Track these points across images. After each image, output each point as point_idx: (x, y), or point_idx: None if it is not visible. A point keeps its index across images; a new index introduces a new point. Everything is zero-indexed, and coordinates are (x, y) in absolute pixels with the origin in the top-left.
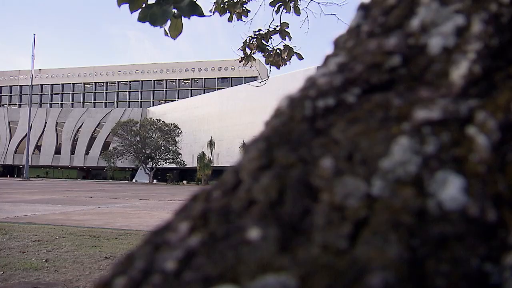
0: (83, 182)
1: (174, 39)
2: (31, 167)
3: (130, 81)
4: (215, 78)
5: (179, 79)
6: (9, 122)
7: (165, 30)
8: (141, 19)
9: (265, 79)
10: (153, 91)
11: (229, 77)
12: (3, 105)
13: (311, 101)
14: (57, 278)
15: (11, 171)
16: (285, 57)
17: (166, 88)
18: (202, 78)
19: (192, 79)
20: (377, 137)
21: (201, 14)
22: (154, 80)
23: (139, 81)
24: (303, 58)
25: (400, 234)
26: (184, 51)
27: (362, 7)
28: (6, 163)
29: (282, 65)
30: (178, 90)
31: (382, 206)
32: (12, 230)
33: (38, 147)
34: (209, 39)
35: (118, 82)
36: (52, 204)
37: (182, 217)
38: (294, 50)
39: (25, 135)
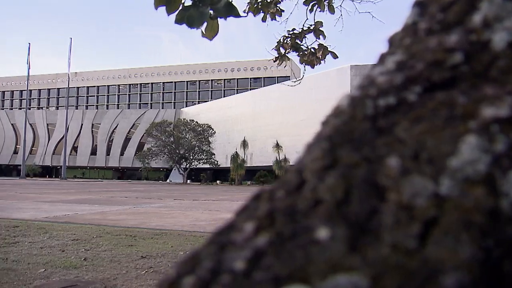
0: (118, 183)
1: (211, 40)
2: (68, 167)
3: (163, 82)
4: (248, 78)
5: (212, 80)
6: (47, 124)
7: (202, 31)
8: (178, 21)
9: (299, 78)
10: (186, 92)
11: (261, 77)
12: (41, 108)
13: (372, 100)
14: (96, 276)
15: (50, 171)
16: (320, 56)
17: (199, 88)
18: (234, 79)
19: (225, 79)
20: (443, 136)
21: (237, 14)
22: (187, 81)
23: (172, 82)
24: (337, 57)
25: (472, 234)
26: (216, 51)
27: (418, 4)
28: (44, 164)
29: (317, 64)
30: (211, 90)
31: (452, 205)
32: (52, 229)
33: (75, 148)
34: (241, 39)
35: (152, 83)
36: (89, 204)
37: (246, 217)
38: (328, 49)
39: (63, 137)
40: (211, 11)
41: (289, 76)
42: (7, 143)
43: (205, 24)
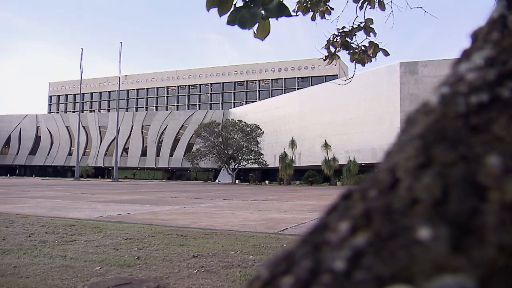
0: (168, 183)
1: (263, 40)
2: (119, 168)
3: (211, 83)
4: (295, 77)
5: (259, 80)
6: (99, 127)
7: (253, 31)
8: (230, 22)
9: (350, 77)
10: (234, 92)
11: (309, 76)
12: (94, 111)
13: (463, 97)
14: (149, 274)
15: (102, 172)
16: (371, 54)
17: (246, 89)
18: (282, 78)
19: (272, 79)
20: None
21: (289, 14)
22: (235, 82)
23: (220, 83)
24: (389, 54)
25: None
26: (263, 51)
27: None
28: (97, 165)
29: (367, 62)
30: (259, 90)
31: None
32: (106, 229)
33: (125, 150)
34: (288, 39)
35: (200, 84)
36: (140, 204)
37: (339, 217)
38: (379, 47)
39: (114, 139)
40: (263, 12)
41: (337, 75)
42: (62, 145)
43: (256, 25)
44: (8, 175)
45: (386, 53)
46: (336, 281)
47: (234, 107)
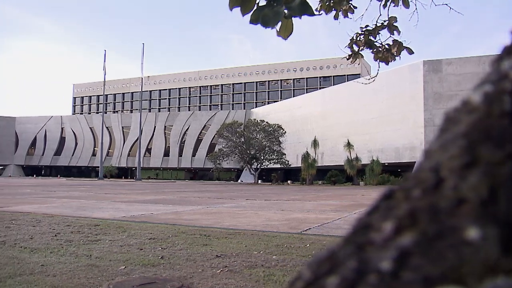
0: (190, 183)
1: (285, 39)
2: (142, 169)
3: (233, 84)
4: (317, 77)
5: (281, 80)
6: (122, 127)
7: (276, 30)
8: (253, 21)
9: (374, 76)
10: (256, 92)
11: (331, 76)
12: (117, 111)
13: (509, 95)
14: (173, 274)
15: (125, 172)
16: (395, 53)
17: (268, 89)
18: (304, 78)
19: (294, 79)
20: None
21: (311, 13)
22: (256, 82)
23: (242, 83)
24: (413, 53)
25: None
26: (285, 51)
27: None
28: (120, 165)
29: (391, 61)
30: (281, 90)
31: None
32: (130, 228)
33: (148, 150)
34: (310, 38)
35: (222, 85)
36: (163, 204)
37: (382, 217)
38: (403, 45)
39: (137, 139)
40: (286, 10)
41: (359, 74)
42: (86, 145)
43: (279, 24)
44: (34, 175)
45: (411, 52)
46: (383, 281)
47: (256, 107)
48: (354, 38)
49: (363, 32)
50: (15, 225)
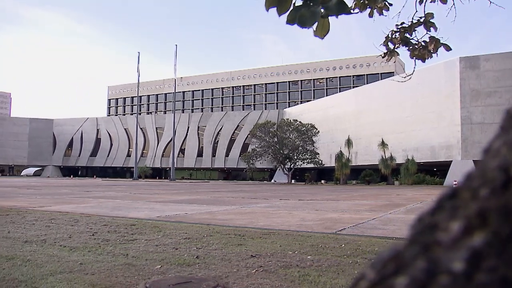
0: (224, 183)
1: (322, 38)
2: (176, 169)
3: (266, 84)
4: (350, 76)
5: (313, 79)
6: (156, 128)
7: (313, 30)
8: (289, 21)
9: (410, 73)
10: (289, 92)
11: (364, 74)
12: (150, 113)
13: None
14: (208, 274)
15: (159, 173)
16: (431, 50)
17: (301, 88)
18: (337, 77)
19: (327, 78)
20: None
21: (348, 12)
22: (289, 81)
23: (274, 83)
24: (451, 49)
25: None
26: (317, 50)
27: None
28: (154, 166)
29: (428, 58)
30: (313, 90)
31: None
32: (165, 228)
33: (182, 151)
34: (342, 37)
35: (255, 85)
36: (197, 204)
37: (449, 217)
38: (440, 41)
39: (171, 140)
40: (322, 10)
41: (393, 72)
42: (121, 147)
43: (316, 23)
44: (71, 176)
45: (448, 48)
46: (456, 283)
47: (289, 106)
48: (390, 35)
49: (398, 30)
50: (55, 224)
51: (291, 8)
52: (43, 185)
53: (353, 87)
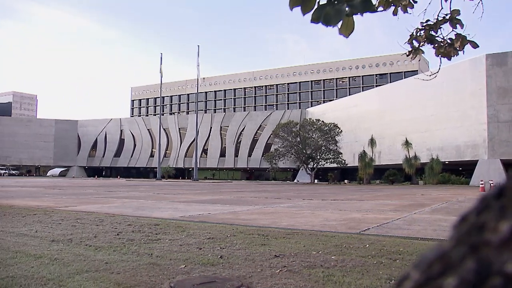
0: (246, 183)
1: (347, 37)
2: (199, 169)
3: (288, 83)
4: (373, 74)
5: (336, 78)
6: (179, 129)
7: (338, 28)
8: (314, 20)
9: (435, 71)
10: (311, 91)
11: (387, 73)
12: (173, 113)
13: None
14: (232, 273)
15: (182, 173)
16: (458, 47)
17: (323, 88)
18: (359, 76)
19: (349, 77)
20: None
21: (373, 10)
22: (311, 81)
23: (297, 82)
24: (478, 46)
25: None
26: (339, 49)
27: None
28: (177, 166)
29: (454, 56)
30: (336, 89)
31: None
32: (188, 228)
33: (205, 151)
34: (365, 35)
35: (277, 84)
36: (220, 204)
37: (497, 217)
38: (467, 39)
39: (193, 140)
40: (347, 8)
41: (417, 70)
42: (144, 147)
43: (340, 22)
44: (96, 176)
45: (475, 45)
46: (509, 285)
47: (312, 106)
48: (414, 33)
49: (423, 27)
50: (80, 224)
51: (315, 7)
52: (68, 185)
53: (376, 86)
